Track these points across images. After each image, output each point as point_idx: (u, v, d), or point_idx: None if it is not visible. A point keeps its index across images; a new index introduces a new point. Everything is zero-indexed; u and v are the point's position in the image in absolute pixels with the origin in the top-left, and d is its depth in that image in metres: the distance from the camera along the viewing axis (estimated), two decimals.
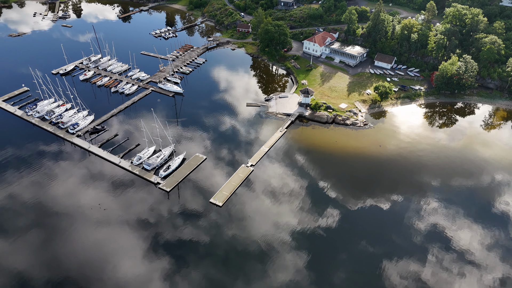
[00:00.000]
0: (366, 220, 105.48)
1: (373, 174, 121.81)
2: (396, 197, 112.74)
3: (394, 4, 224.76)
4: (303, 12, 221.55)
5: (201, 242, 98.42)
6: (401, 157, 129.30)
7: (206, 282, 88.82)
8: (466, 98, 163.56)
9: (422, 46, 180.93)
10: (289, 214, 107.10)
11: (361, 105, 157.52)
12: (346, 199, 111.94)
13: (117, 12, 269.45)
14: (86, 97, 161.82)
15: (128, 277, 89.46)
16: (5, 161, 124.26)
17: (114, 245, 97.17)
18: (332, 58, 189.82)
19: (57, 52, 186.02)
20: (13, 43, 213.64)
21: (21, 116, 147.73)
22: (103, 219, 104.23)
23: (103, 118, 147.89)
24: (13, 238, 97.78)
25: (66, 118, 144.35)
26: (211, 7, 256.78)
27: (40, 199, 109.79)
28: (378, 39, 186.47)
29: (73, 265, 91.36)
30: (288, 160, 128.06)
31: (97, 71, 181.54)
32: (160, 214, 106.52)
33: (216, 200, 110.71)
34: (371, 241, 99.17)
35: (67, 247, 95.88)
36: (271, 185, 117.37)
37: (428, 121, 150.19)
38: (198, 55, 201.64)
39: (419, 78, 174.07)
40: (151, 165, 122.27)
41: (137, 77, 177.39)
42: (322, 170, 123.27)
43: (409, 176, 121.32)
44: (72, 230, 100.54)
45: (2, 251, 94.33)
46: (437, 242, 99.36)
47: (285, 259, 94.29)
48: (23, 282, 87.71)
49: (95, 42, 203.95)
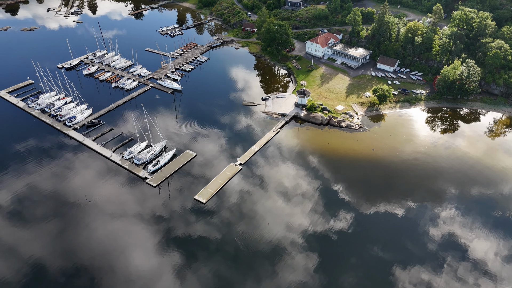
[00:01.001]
0: (358, 223, 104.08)
1: (363, 176, 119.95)
2: (388, 201, 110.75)
3: (403, 7, 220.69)
4: (309, 12, 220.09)
5: (178, 237, 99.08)
6: (392, 161, 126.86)
7: (181, 276, 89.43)
8: (469, 104, 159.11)
9: (427, 49, 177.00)
10: (273, 214, 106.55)
11: (359, 107, 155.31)
12: (331, 202, 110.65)
13: (129, 9, 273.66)
14: (88, 91, 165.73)
15: (98, 264, 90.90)
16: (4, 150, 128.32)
17: (91, 235, 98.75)
18: (334, 60, 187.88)
19: (64, 47, 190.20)
20: (24, 37, 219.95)
21: (22, 108, 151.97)
22: (88, 210, 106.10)
23: (101, 112, 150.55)
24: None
25: (65, 111, 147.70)
26: (220, 6, 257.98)
27: (24, 188, 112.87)
28: (382, 42, 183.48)
29: (46, 252, 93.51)
30: (277, 160, 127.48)
31: (100, 67, 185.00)
32: (144, 208, 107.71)
33: (200, 197, 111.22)
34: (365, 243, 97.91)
35: (47, 236, 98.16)
36: (257, 185, 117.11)
37: (427, 126, 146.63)
38: (201, 53, 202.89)
39: (421, 82, 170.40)
40: (141, 159, 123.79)
41: (139, 73, 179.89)
42: (311, 171, 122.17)
43: (399, 180, 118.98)
44: (53, 219, 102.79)
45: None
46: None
47: (257, 257, 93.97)
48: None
49: (100, 38, 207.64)
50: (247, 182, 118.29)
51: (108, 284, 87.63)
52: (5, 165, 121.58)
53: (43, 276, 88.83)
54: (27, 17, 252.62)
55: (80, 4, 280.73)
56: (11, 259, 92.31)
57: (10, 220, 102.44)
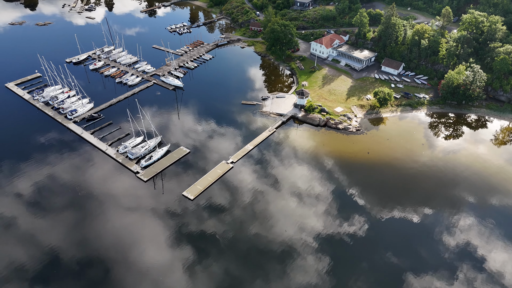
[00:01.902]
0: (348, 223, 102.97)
1: (354, 179, 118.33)
2: (381, 205, 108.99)
3: (413, 9, 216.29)
4: (316, 13, 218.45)
5: (160, 232, 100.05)
6: (387, 165, 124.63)
7: (149, 268, 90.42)
8: (474, 110, 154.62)
9: (434, 53, 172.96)
10: (258, 214, 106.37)
11: (358, 110, 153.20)
12: (323, 203, 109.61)
13: (143, 7, 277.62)
14: (92, 85, 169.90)
15: (77, 253, 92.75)
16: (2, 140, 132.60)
17: (79, 227, 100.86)
18: (338, 61, 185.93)
19: (74, 42, 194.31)
20: (37, 31, 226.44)
21: (27, 100, 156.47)
22: (76, 202, 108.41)
23: (102, 106, 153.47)
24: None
25: (67, 105, 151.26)
26: (230, 5, 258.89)
27: (18, 178, 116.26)
28: (388, 44, 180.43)
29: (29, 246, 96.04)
30: (269, 160, 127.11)
31: (107, 62, 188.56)
32: (131, 202, 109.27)
33: (189, 194, 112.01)
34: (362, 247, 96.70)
35: (33, 225, 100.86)
36: (247, 184, 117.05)
37: (427, 132, 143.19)
38: (206, 51, 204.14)
39: (426, 86, 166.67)
40: (134, 154, 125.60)
41: (143, 70, 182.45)
42: (303, 172, 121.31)
43: (389, 184, 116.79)
44: (43, 208, 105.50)
45: None
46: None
47: (233, 254, 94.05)
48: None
49: (108, 34, 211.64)
50: (237, 180, 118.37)
51: (78, 271, 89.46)
52: (1, 154, 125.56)
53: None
54: (43, 13, 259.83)
55: (96, 1, 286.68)
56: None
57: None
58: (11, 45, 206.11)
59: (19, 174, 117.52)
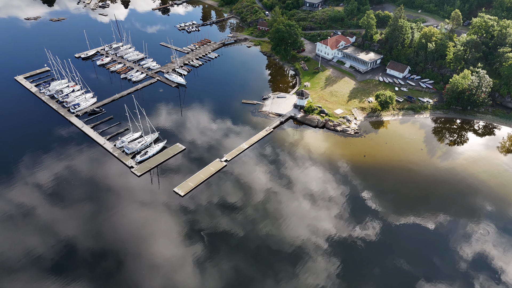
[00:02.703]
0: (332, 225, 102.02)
1: (346, 181, 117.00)
2: (370, 212, 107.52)
3: (424, 11, 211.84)
4: (325, 14, 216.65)
5: (148, 226, 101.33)
6: (382, 169, 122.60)
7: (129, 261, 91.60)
8: (479, 116, 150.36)
9: (441, 57, 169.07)
10: (248, 212, 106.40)
11: (359, 112, 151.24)
12: (311, 204, 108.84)
13: (157, 5, 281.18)
14: (97, 80, 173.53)
15: (59, 248, 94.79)
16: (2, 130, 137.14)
17: (62, 215, 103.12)
18: (343, 63, 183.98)
19: (85, 38, 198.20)
20: (50, 26, 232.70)
21: (34, 93, 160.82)
22: (67, 192, 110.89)
23: (105, 101, 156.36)
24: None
25: (71, 98, 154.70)
26: (240, 4, 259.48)
27: (13, 166, 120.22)
28: (394, 46, 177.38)
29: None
30: (263, 160, 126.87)
31: (114, 58, 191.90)
32: (122, 196, 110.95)
33: (179, 190, 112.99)
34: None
35: (17, 211, 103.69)
36: (238, 182, 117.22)
37: (427, 137, 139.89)
38: (213, 50, 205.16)
39: (431, 90, 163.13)
40: (130, 149, 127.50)
41: (148, 66, 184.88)
42: (294, 173, 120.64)
43: (381, 189, 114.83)
44: (32, 198, 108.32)
45: None
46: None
47: (220, 253, 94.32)
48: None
49: (116, 30, 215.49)
50: (229, 179, 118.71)
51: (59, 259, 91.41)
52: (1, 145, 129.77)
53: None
54: (59, 9, 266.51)
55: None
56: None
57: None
58: (24, 40, 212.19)
59: (16, 163, 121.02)
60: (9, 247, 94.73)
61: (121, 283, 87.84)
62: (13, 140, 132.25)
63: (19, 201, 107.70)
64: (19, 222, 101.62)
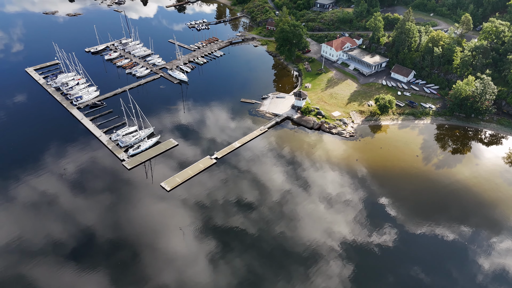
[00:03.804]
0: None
1: (334, 184, 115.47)
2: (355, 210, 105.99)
3: (436, 15, 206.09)
4: (334, 15, 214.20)
5: (129, 219, 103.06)
6: (373, 174, 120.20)
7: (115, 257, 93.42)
8: (482, 125, 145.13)
9: (448, 62, 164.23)
10: (227, 211, 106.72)
11: (357, 115, 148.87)
12: (294, 208, 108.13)
13: (170, 2, 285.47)
14: (103, 74, 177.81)
15: (40, 239, 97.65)
16: (3, 118, 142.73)
17: (46, 205, 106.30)
18: (347, 65, 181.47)
19: (97, 32, 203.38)
20: (65, 21, 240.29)
21: (41, 84, 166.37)
22: (57, 181, 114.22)
23: (107, 95, 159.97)
24: None
25: (75, 91, 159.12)
26: (252, 3, 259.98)
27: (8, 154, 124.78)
28: (401, 50, 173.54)
29: None
30: (253, 159, 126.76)
31: (122, 53, 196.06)
32: (108, 188, 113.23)
33: (166, 185, 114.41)
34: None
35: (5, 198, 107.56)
36: (226, 180, 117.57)
37: (425, 143, 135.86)
38: (219, 48, 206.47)
39: (435, 96, 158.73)
40: (124, 142, 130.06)
41: (153, 62, 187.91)
42: (282, 173, 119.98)
43: (365, 194, 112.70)
44: (23, 185, 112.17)
45: None
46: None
47: (200, 251, 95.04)
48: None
49: (126, 26, 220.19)
50: (216, 176, 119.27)
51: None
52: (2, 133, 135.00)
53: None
54: (76, 4, 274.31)
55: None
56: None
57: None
58: (39, 33, 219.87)
59: (14, 152, 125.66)
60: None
61: (84, 273, 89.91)
62: (14, 130, 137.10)
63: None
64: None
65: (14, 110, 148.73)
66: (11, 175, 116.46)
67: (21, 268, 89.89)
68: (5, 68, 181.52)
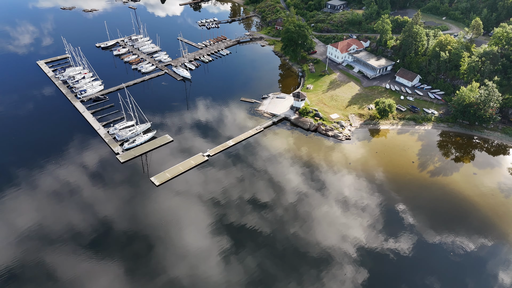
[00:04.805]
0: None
1: (323, 188, 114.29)
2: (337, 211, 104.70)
3: (449, 19, 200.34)
4: (343, 17, 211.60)
5: (114, 214, 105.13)
6: (365, 178, 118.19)
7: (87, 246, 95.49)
8: (486, 133, 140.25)
9: (456, 67, 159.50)
10: (212, 210, 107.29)
11: (356, 118, 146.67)
12: (277, 206, 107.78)
13: (189, 0, 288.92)
14: (109, 69, 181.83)
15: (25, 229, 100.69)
16: (9, 108, 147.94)
17: (40, 196, 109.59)
18: (352, 67, 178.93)
19: (109, 28, 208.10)
20: (80, 16, 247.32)
21: (50, 77, 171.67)
22: (51, 172, 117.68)
23: (110, 89, 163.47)
24: None
25: (80, 85, 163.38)
26: (264, 3, 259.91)
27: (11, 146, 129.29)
28: (407, 54, 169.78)
29: None
30: (245, 158, 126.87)
31: (130, 49, 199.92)
32: (100, 180, 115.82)
33: (155, 180, 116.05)
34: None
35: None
36: (216, 178, 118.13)
37: (423, 149, 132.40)
38: (226, 46, 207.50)
39: (439, 101, 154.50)
40: (120, 136, 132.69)
41: (160, 59, 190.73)
42: (271, 173, 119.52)
43: (359, 198, 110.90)
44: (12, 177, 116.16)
45: None
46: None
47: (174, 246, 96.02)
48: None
49: (136, 23, 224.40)
50: (206, 173, 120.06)
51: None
52: (4, 124, 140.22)
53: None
54: (93, 1, 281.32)
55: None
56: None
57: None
58: (54, 27, 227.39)
59: (15, 142, 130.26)
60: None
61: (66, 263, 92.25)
62: (17, 121, 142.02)
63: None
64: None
65: (20, 101, 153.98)
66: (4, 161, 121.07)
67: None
68: (18, 60, 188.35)
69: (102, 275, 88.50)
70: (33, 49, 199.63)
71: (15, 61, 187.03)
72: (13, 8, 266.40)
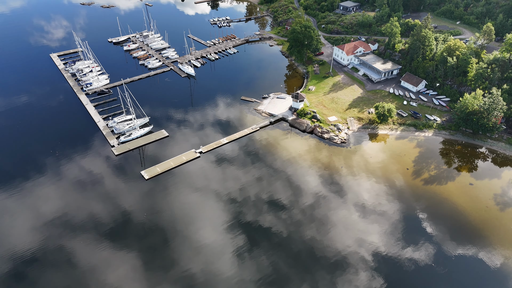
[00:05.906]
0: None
1: (310, 191, 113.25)
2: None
3: (463, 23, 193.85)
4: (354, 19, 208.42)
5: (98, 205, 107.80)
6: (357, 184, 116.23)
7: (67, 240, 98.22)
8: (489, 142, 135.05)
9: (464, 73, 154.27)
10: (200, 206, 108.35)
11: (354, 122, 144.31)
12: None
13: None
14: (117, 63, 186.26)
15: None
16: (19, 98, 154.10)
17: (32, 186, 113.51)
18: (357, 70, 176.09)
19: (121, 24, 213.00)
20: (97, 12, 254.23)
21: (60, 70, 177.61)
22: (45, 161, 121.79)
23: (115, 83, 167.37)
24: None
25: (87, 78, 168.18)
26: (278, 3, 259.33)
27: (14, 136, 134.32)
28: (414, 58, 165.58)
29: None
30: (236, 156, 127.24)
31: (140, 45, 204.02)
32: (92, 171, 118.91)
33: (145, 173, 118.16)
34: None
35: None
36: (205, 175, 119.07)
37: (420, 156, 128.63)
38: (234, 45, 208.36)
39: (443, 108, 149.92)
40: (118, 129, 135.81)
41: (167, 56, 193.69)
42: (259, 173, 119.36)
43: (351, 203, 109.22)
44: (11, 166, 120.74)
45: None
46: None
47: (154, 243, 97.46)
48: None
49: (147, 19, 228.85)
50: (197, 170, 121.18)
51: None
52: (10, 113, 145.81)
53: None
54: None
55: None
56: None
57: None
58: (70, 22, 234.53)
59: (18, 131, 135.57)
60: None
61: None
62: (23, 111, 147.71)
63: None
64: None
65: (28, 92, 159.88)
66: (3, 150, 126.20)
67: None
68: (33, 53, 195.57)
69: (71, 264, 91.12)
70: (48, 42, 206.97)
71: (30, 54, 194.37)
72: (37, 3, 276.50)
